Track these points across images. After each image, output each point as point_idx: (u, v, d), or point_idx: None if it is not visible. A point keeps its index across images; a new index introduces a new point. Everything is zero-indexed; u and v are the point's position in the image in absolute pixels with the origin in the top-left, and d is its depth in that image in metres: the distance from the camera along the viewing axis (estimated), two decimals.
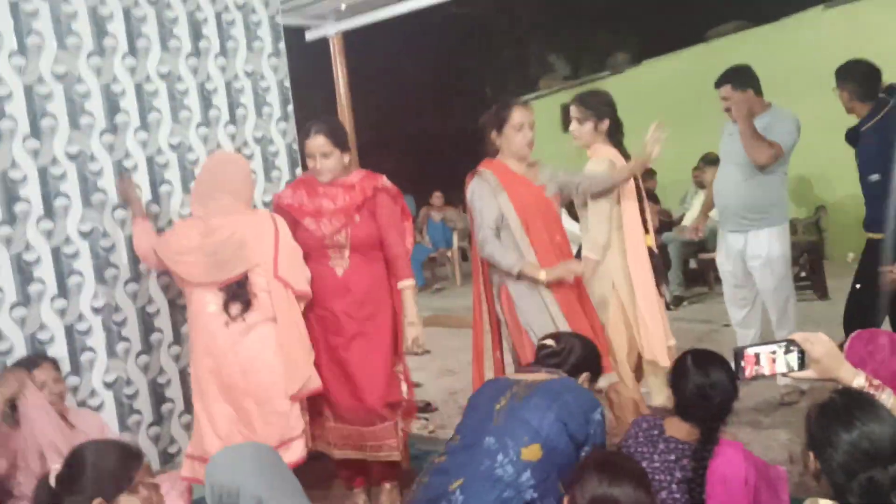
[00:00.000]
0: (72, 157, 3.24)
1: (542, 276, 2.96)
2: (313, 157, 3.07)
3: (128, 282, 3.40)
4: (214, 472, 1.98)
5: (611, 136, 3.45)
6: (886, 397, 1.62)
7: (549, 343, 2.47)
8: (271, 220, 3.01)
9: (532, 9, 13.19)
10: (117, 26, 3.41)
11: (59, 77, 3.22)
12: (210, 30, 3.76)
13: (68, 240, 3.22)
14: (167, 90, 3.59)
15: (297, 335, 2.96)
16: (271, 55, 4.04)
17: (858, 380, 1.65)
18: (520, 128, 3.10)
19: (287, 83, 4.12)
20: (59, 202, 3.20)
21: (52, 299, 3.16)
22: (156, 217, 3.52)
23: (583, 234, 3.41)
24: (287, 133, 4.08)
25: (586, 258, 3.24)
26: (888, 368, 2.06)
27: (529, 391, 2.20)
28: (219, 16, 3.80)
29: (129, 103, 3.45)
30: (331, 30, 5.12)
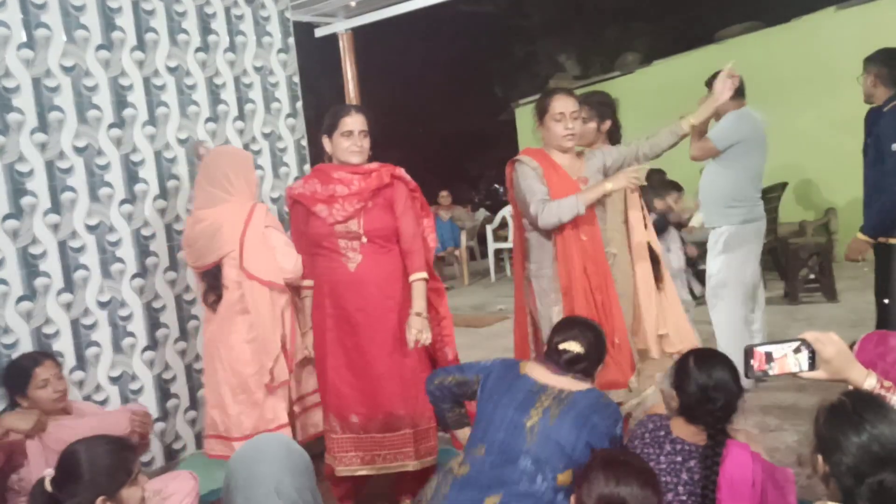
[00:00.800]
0: (79, 150, 3.24)
1: (608, 186, 2.86)
2: (352, 134, 2.90)
3: (134, 277, 3.40)
4: (237, 462, 1.95)
5: (611, 138, 3.43)
6: None
7: (573, 348, 2.34)
8: (247, 211, 2.97)
9: (543, 8, 13.15)
10: (126, 20, 3.41)
11: (67, 70, 3.22)
12: (219, 24, 3.76)
13: (75, 234, 3.21)
14: (175, 84, 3.59)
15: (269, 327, 2.94)
16: (280, 51, 4.04)
17: (869, 381, 1.62)
18: (559, 118, 2.94)
19: (296, 79, 4.11)
20: (66, 196, 3.20)
21: (58, 293, 3.16)
22: (163, 211, 3.52)
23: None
24: (295, 129, 4.08)
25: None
26: None
27: (560, 408, 2.16)
28: (228, 10, 3.80)
29: (138, 97, 3.45)
30: (340, 26, 5.12)
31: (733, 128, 3.87)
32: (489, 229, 9.54)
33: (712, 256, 4.02)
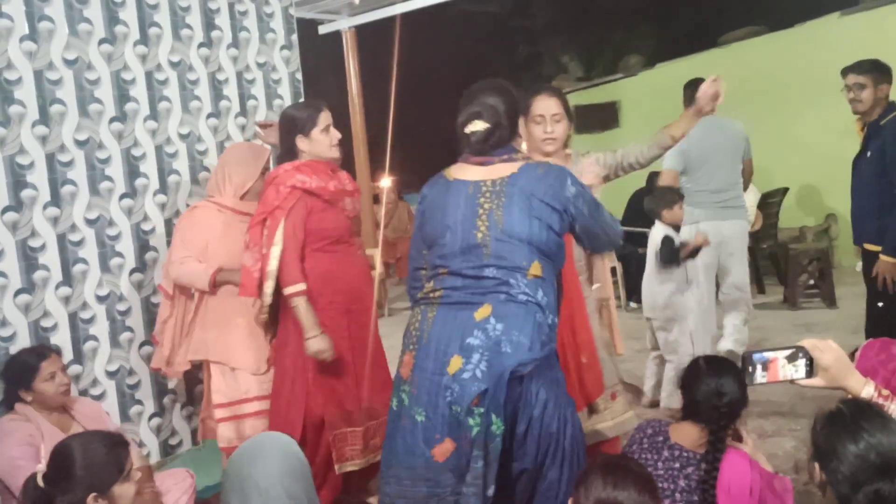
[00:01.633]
0: (80, 143, 3.24)
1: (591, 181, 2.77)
2: (330, 129, 2.90)
3: (133, 271, 3.39)
4: (234, 462, 1.95)
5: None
6: (895, 408, 1.59)
7: (478, 126, 2.15)
8: (188, 212, 3.17)
9: (547, 9, 13.15)
10: (129, 14, 3.40)
11: (69, 63, 3.21)
12: (223, 20, 3.75)
13: (74, 227, 3.21)
14: (178, 79, 3.58)
15: (172, 327, 3.16)
16: (284, 47, 4.03)
17: (867, 389, 1.62)
18: (539, 120, 2.77)
19: (299, 76, 4.10)
20: (67, 189, 3.19)
21: (57, 287, 3.15)
22: (163, 206, 3.51)
23: None
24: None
25: None
26: None
27: (500, 202, 2.06)
28: (231, 6, 3.79)
29: (140, 91, 3.44)
30: (344, 24, 5.12)
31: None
32: None
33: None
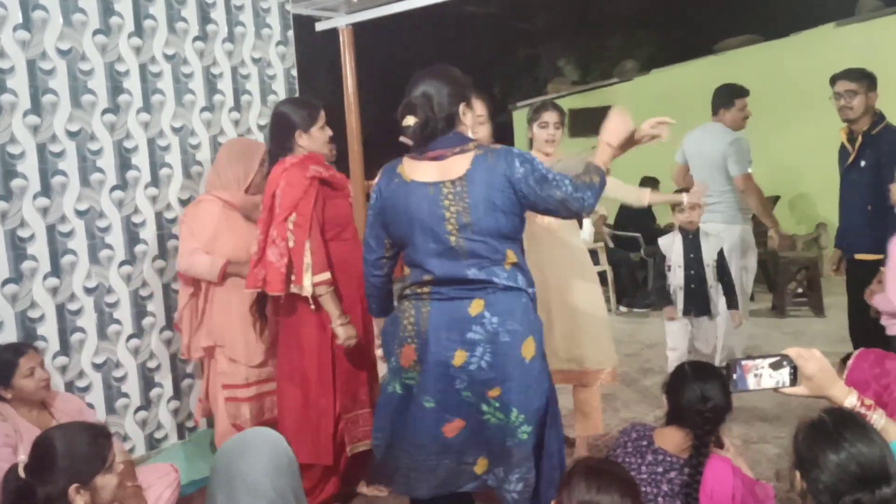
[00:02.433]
0: (72, 134, 3.22)
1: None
2: (325, 128, 2.97)
3: (122, 264, 3.38)
4: (221, 457, 1.94)
5: None
6: (878, 417, 1.60)
7: (409, 122, 2.13)
8: (194, 205, 3.23)
9: (546, 13, 13.16)
10: (124, 5, 3.39)
11: (63, 53, 3.19)
12: (218, 14, 3.74)
13: (64, 218, 3.19)
14: (172, 72, 3.57)
15: (189, 314, 3.24)
16: (279, 43, 4.02)
17: (850, 399, 1.62)
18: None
19: (294, 72, 4.10)
20: (57, 180, 3.17)
21: (45, 277, 3.14)
22: (154, 199, 3.50)
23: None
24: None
25: None
26: (892, 394, 2.04)
27: (465, 205, 2.07)
28: (228, 0, 3.78)
29: (133, 83, 3.42)
30: (341, 21, 5.09)
31: None
32: None
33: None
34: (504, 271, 2.13)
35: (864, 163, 3.58)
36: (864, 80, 3.57)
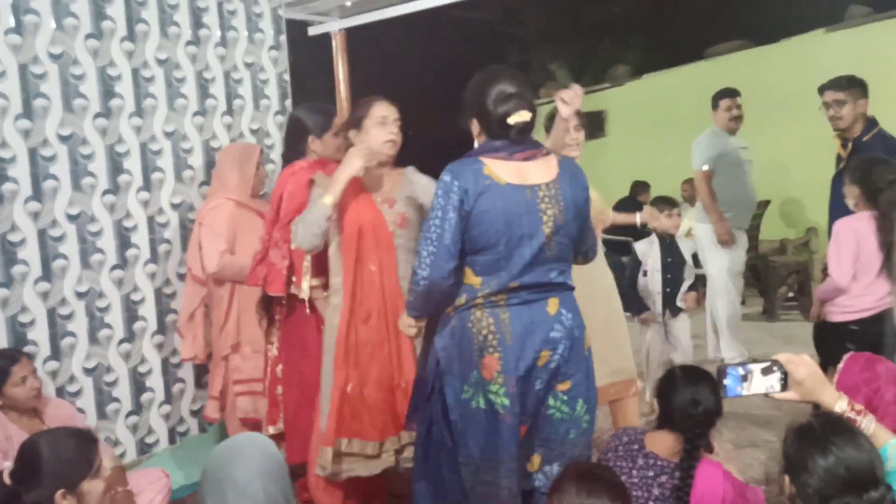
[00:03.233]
0: (63, 139, 3.21)
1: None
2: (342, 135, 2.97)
3: (113, 268, 3.37)
4: (211, 463, 1.93)
5: None
6: (868, 423, 1.61)
7: (525, 117, 2.11)
8: (210, 208, 3.29)
9: (537, 17, 13.20)
10: (117, 9, 3.39)
11: (54, 57, 3.19)
12: (211, 18, 3.74)
13: (55, 222, 3.18)
14: (164, 77, 3.56)
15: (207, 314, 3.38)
16: (272, 48, 4.02)
17: (840, 403, 1.64)
18: (382, 121, 2.66)
19: (286, 77, 4.10)
20: (48, 184, 3.16)
21: (36, 282, 3.13)
22: (146, 203, 3.49)
23: None
24: (283, 127, 4.06)
25: None
26: (882, 397, 2.05)
27: (560, 207, 2.10)
28: (220, 5, 3.78)
29: (125, 88, 3.42)
30: (334, 26, 5.10)
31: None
32: None
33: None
34: (570, 271, 2.22)
35: None
36: (852, 88, 3.60)
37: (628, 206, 4.02)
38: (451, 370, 2.16)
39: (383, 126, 2.64)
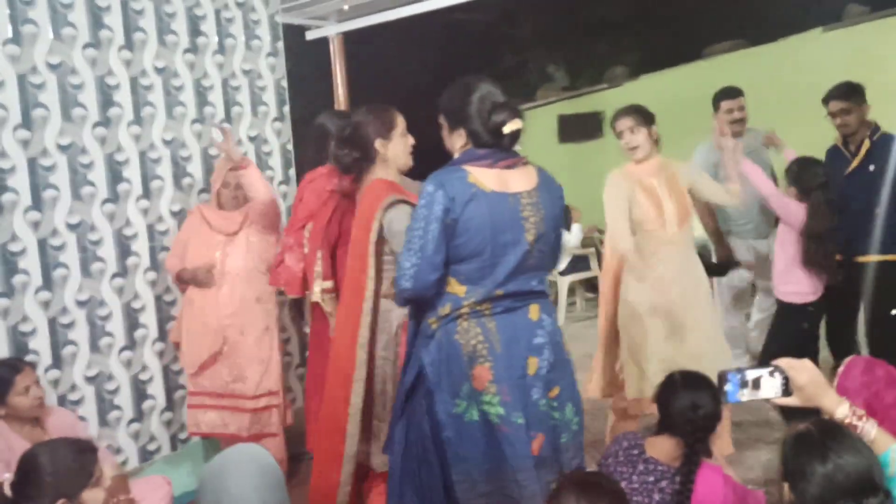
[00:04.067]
0: (63, 148, 3.22)
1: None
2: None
3: (114, 276, 3.37)
4: (207, 474, 1.93)
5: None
6: (870, 427, 1.61)
7: (518, 124, 2.12)
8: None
9: (534, 19, 13.20)
10: (114, 18, 3.39)
11: (53, 67, 3.19)
12: (208, 26, 3.75)
13: (55, 232, 3.19)
14: (163, 85, 3.57)
15: None
16: (269, 54, 4.03)
17: (842, 408, 1.63)
18: (405, 131, 2.79)
19: (284, 83, 4.10)
20: (48, 193, 3.17)
21: (37, 291, 3.13)
22: (145, 212, 3.49)
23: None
24: (282, 133, 4.07)
25: None
26: (882, 401, 2.06)
27: (540, 216, 2.14)
28: (218, 13, 3.79)
29: (124, 97, 3.42)
30: (332, 30, 5.10)
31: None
32: None
33: None
34: (546, 282, 2.26)
35: (872, 167, 3.64)
36: (854, 95, 3.68)
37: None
38: (439, 385, 2.12)
39: (406, 136, 2.75)
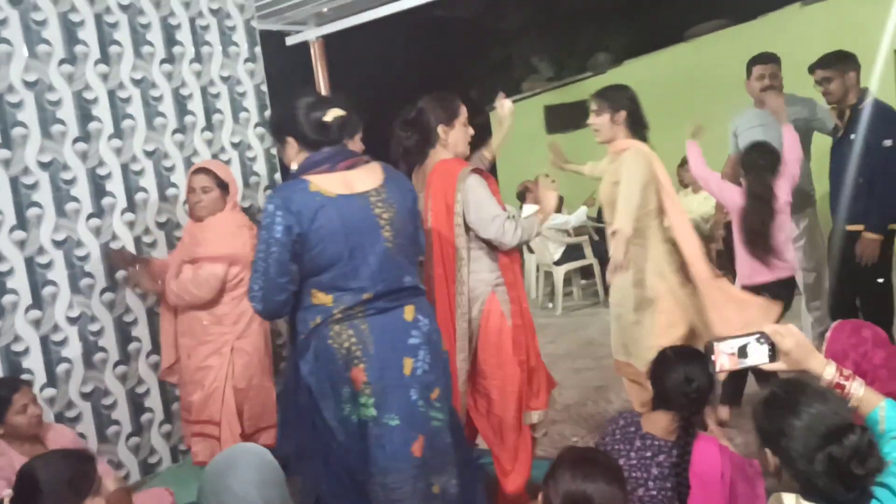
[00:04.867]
0: (44, 165, 3.21)
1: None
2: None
3: (104, 291, 3.37)
4: (208, 474, 1.93)
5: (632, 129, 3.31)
6: (857, 386, 1.61)
7: (338, 112, 2.12)
8: None
9: (515, 11, 13.20)
10: (89, 33, 3.38)
11: (29, 85, 3.18)
12: (184, 35, 3.74)
13: (42, 249, 3.18)
14: (141, 96, 3.56)
15: None
16: (247, 60, 4.02)
17: (829, 370, 1.64)
18: (466, 121, 2.83)
19: (264, 88, 4.09)
20: (32, 212, 3.16)
21: (27, 310, 3.12)
22: (131, 224, 3.49)
23: None
24: (265, 138, 4.06)
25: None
26: (870, 361, 2.07)
27: (393, 210, 2.12)
28: (193, 21, 3.78)
29: (102, 110, 3.42)
30: (311, 34, 5.09)
31: None
32: None
33: None
34: (417, 273, 2.25)
35: (853, 136, 3.64)
36: (838, 63, 3.66)
37: None
38: (323, 393, 2.10)
39: (467, 126, 2.79)
